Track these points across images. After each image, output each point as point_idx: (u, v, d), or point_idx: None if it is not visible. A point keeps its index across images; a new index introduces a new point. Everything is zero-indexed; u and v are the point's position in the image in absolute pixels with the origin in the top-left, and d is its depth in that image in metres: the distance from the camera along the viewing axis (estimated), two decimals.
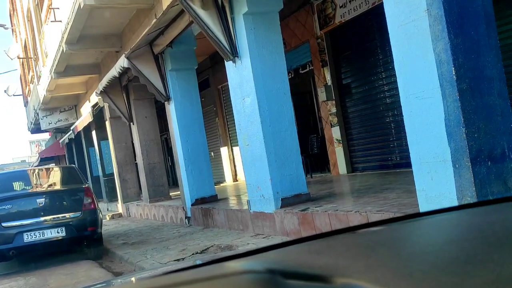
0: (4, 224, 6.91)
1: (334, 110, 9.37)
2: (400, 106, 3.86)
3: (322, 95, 9.55)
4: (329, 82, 9.32)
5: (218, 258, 0.89)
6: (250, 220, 6.51)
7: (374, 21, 8.01)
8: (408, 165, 4.19)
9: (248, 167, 6.33)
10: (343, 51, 9.13)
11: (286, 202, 5.85)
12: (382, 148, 8.71)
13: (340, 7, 8.62)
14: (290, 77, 6.90)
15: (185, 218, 8.85)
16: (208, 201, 8.47)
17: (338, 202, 5.65)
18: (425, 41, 3.48)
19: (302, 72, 10.31)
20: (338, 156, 9.46)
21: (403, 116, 3.82)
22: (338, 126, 9.33)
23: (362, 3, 8.15)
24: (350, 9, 8.40)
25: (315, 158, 10.32)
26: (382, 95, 8.46)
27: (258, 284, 0.61)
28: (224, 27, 5.98)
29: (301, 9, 9.55)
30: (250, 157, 6.20)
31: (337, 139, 9.41)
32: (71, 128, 17.78)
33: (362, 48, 8.67)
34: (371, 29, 8.31)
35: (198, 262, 1.08)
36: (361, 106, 8.99)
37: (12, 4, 24.49)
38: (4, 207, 7.04)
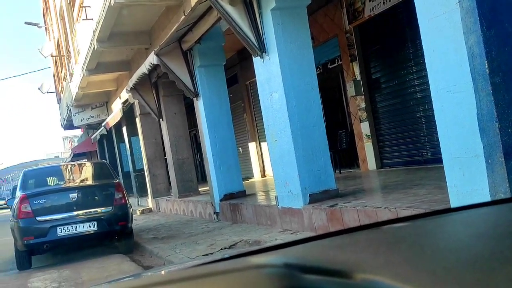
0: (38, 218, 7.09)
1: (363, 105, 9.27)
2: (431, 101, 3.79)
3: (351, 90, 9.46)
4: (358, 77, 9.22)
5: (241, 253, 0.89)
6: (278, 216, 6.51)
7: (404, 14, 7.87)
8: (439, 160, 4.11)
9: (276, 162, 6.33)
10: (373, 45, 9.01)
11: (314, 198, 5.82)
12: (412, 144, 8.57)
13: (370, 0, 8.50)
14: (318, 72, 6.86)
15: (214, 213, 8.91)
16: (236, 197, 8.51)
17: (367, 198, 5.60)
18: (457, 34, 3.40)
19: (331, 67, 10.23)
20: (367, 151, 9.36)
21: (434, 110, 3.75)
22: (367, 121, 9.23)
23: None
24: (380, 2, 8.28)
25: (343, 154, 10.24)
26: (413, 89, 8.32)
27: (274, 278, 0.61)
28: (251, 22, 5.97)
29: (329, 4, 9.46)
30: (278, 152, 6.20)
31: (366, 135, 9.30)
32: (103, 124, 18.11)
33: (392, 42, 8.54)
34: (401, 23, 8.17)
35: (224, 256, 1.09)
36: (391, 101, 8.86)
37: (45, 3, 25.06)
38: (38, 201, 7.22)
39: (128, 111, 14.66)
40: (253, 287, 0.61)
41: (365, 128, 9.30)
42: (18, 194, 7.51)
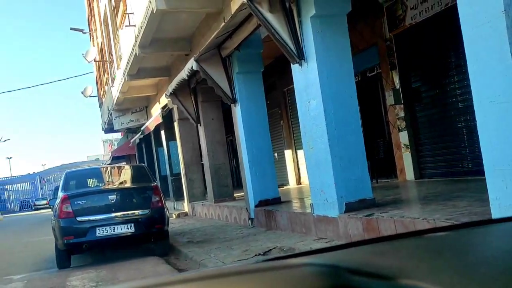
0: (78, 219, 7.28)
1: (402, 114, 9.13)
2: (473, 111, 3.70)
3: (390, 99, 9.33)
4: (398, 86, 9.10)
5: (280, 256, 0.90)
6: (313, 224, 6.47)
7: (447, 22, 7.73)
8: (480, 172, 4.01)
9: (312, 170, 6.30)
10: (413, 54, 8.87)
11: (350, 207, 5.76)
12: (452, 154, 8.38)
13: (411, 8, 8.39)
14: (357, 80, 6.80)
15: (248, 219, 8.94)
16: (272, 203, 8.51)
17: (404, 209, 5.50)
18: (502, 43, 3.32)
19: (370, 75, 10.13)
20: (405, 161, 9.20)
21: (476, 121, 3.66)
22: (406, 131, 9.08)
23: (434, 4, 7.89)
24: (422, 10, 8.16)
25: (381, 163, 10.09)
26: (454, 99, 8.14)
27: (321, 276, 0.62)
28: (291, 30, 5.99)
29: (369, 11, 9.39)
30: (315, 160, 6.17)
31: (405, 144, 9.15)
32: (142, 128, 18.48)
33: (433, 51, 8.39)
34: (444, 31, 8.02)
35: (259, 262, 1.09)
36: (431, 111, 8.70)
37: (90, 10, 25.85)
38: (79, 202, 7.41)
39: (167, 116, 14.92)
40: (300, 284, 0.62)
41: (403, 137, 9.16)
42: (60, 194, 7.73)
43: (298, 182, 13.84)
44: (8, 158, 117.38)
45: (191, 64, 8.75)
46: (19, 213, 53.31)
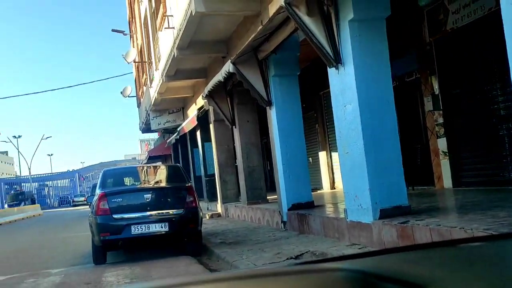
0: (115, 216, 7.43)
1: (441, 120, 8.94)
2: None
3: (428, 105, 9.15)
4: (437, 91, 8.91)
5: (313, 260, 0.90)
6: (346, 229, 6.41)
7: (490, 28, 7.52)
8: None
9: (347, 175, 6.25)
10: (454, 59, 8.67)
11: (385, 213, 5.68)
12: (492, 163, 8.14)
13: (453, 13, 8.21)
14: (395, 85, 6.69)
15: (281, 222, 8.93)
16: (304, 207, 8.47)
17: (440, 217, 5.38)
18: None
19: (408, 80, 9.96)
20: (443, 168, 9.00)
21: None
22: (445, 138, 8.88)
23: (477, 9, 7.70)
24: (464, 15, 7.98)
25: (418, 170, 9.90)
26: (496, 106, 7.91)
27: (353, 282, 0.62)
28: (328, 33, 5.97)
29: (409, 16, 9.24)
30: (349, 165, 6.11)
31: (443, 151, 8.95)
32: (178, 129, 18.73)
33: (475, 56, 8.18)
34: (486, 37, 7.81)
35: (291, 266, 1.10)
36: (471, 117, 8.47)
37: (131, 12, 26.40)
38: (115, 200, 7.57)
39: (202, 118, 15.08)
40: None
41: (442, 144, 8.96)
42: (98, 192, 7.92)
43: (332, 186, 13.73)
44: (49, 155, 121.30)
45: (228, 66, 8.82)
46: (58, 208, 54.90)
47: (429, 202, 7.26)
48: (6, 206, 49.03)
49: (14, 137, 62.10)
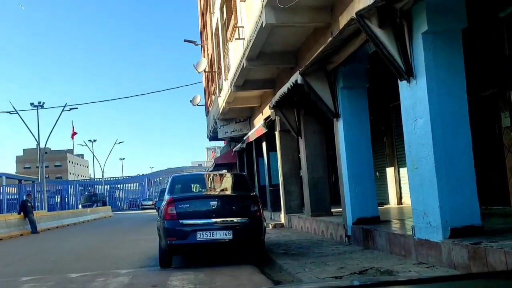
0: (181, 221, 7.63)
1: None
2: None
3: (505, 121, 8.70)
4: None
5: (378, 282, 0.89)
6: (414, 247, 6.21)
7: None
8: None
9: (415, 191, 6.06)
10: None
11: (455, 233, 5.45)
12: None
13: None
14: (469, 99, 6.43)
15: (345, 236, 8.79)
16: (370, 222, 8.29)
17: None
18: None
19: (484, 94, 9.52)
20: None
21: None
22: None
23: None
24: None
25: (492, 189, 9.41)
26: None
27: None
28: (400, 46, 5.85)
29: (487, 27, 8.85)
30: (419, 180, 5.93)
31: None
32: (244, 138, 18.96)
33: None
34: None
35: (356, 282, 1.09)
36: None
37: (203, 23, 27.13)
38: (183, 206, 7.78)
39: (269, 127, 15.17)
40: None
41: None
42: (166, 197, 8.17)
43: (399, 201, 13.34)
44: (121, 159, 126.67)
45: (296, 77, 8.84)
46: (127, 211, 57.03)
47: (504, 223, 6.88)
48: (80, 206, 51.58)
49: (90, 141, 65.28)
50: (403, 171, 12.56)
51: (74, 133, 42.15)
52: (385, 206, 12.97)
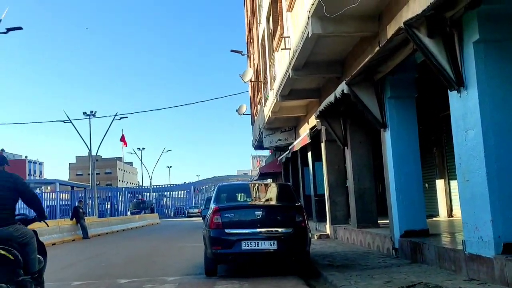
0: (227, 231, 7.69)
1: None
2: None
3: None
4: None
5: None
6: (464, 262, 6.01)
7: None
8: None
9: (466, 204, 5.88)
10: None
11: (509, 248, 5.24)
12: None
13: None
14: None
15: (392, 249, 8.60)
16: (418, 235, 8.09)
17: None
18: None
19: None
20: None
21: None
22: None
23: None
24: None
25: None
26: None
27: None
28: (450, 55, 5.72)
29: None
30: (470, 193, 5.75)
31: None
32: (289, 147, 18.95)
33: None
34: None
35: None
36: None
37: (250, 33, 27.42)
38: (228, 215, 7.84)
39: (314, 137, 15.11)
40: None
41: None
42: (212, 206, 8.26)
43: (449, 214, 12.94)
44: (168, 167, 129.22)
45: (342, 87, 8.78)
46: (173, 218, 57.94)
47: None
48: (129, 213, 52.85)
49: (139, 149, 67.01)
50: (454, 182, 12.20)
51: (124, 142, 43.30)
52: (434, 219, 12.61)
